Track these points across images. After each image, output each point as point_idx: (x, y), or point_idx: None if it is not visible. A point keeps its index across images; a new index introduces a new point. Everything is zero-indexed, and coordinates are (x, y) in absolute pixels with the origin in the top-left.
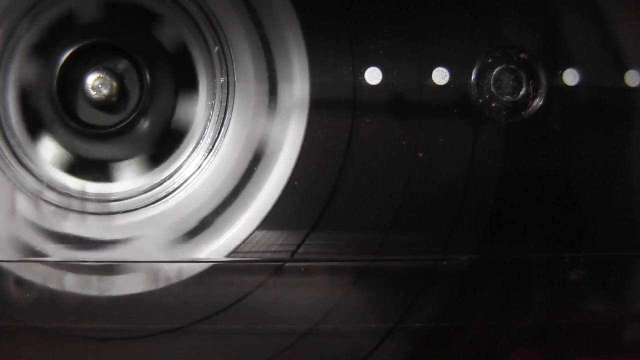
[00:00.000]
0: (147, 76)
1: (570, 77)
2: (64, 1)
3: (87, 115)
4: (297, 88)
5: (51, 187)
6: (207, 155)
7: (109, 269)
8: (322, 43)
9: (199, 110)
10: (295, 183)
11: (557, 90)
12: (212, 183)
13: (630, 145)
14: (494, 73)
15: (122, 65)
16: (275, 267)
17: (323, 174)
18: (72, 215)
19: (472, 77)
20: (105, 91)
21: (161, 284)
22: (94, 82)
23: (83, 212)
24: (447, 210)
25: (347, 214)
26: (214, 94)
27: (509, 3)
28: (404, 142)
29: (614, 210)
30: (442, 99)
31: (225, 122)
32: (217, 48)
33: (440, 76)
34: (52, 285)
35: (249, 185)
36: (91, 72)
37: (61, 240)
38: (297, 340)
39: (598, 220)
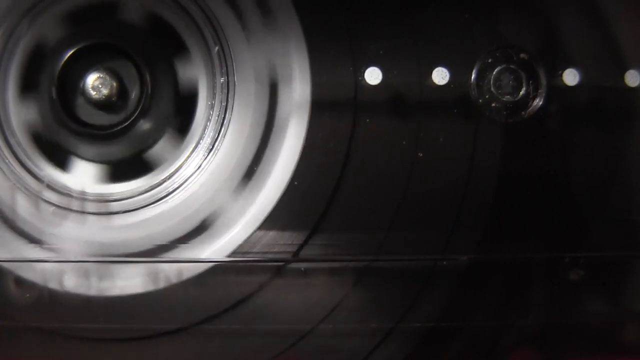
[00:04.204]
0: (147, 76)
1: (570, 77)
2: (64, 1)
3: (87, 115)
4: (297, 88)
5: (51, 187)
6: (207, 155)
7: (109, 269)
8: (322, 43)
9: (199, 110)
10: (296, 183)
11: (557, 90)
12: (212, 183)
13: (630, 145)
14: (494, 73)
15: (122, 65)
16: (276, 268)
17: (324, 174)
18: (72, 215)
19: (472, 77)
20: (105, 91)
21: (161, 285)
22: (94, 82)
23: (83, 212)
24: (447, 210)
25: (347, 214)
26: (214, 94)
27: (509, 3)
28: (404, 142)
29: (614, 210)
30: (442, 99)
31: (225, 122)
32: (217, 48)
33: (440, 76)
34: (52, 285)
35: (250, 186)
36: (91, 72)
37: (61, 240)
38: (298, 341)
39: (598, 220)
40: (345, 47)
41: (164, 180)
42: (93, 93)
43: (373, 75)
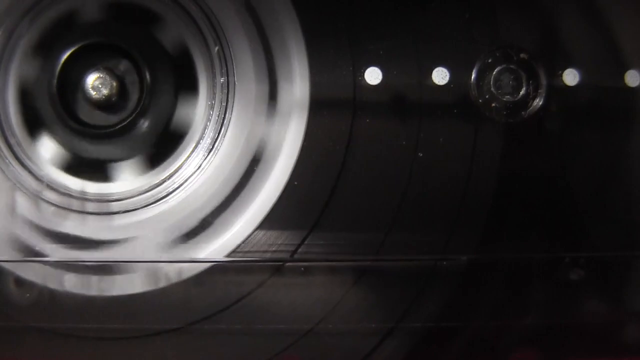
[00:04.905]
0: (147, 76)
1: (570, 77)
2: (65, 1)
3: (87, 115)
4: (297, 88)
5: (51, 187)
6: (207, 155)
7: (109, 269)
8: (322, 43)
9: (199, 110)
10: (295, 183)
11: (557, 90)
12: (212, 183)
13: (630, 145)
14: (494, 73)
15: (122, 65)
16: (275, 267)
17: (323, 174)
18: (72, 215)
19: (472, 77)
20: (105, 91)
21: (161, 284)
22: (94, 82)
23: (83, 212)
24: (447, 210)
25: (347, 214)
26: (214, 94)
27: (509, 3)
28: (404, 142)
29: (614, 210)
30: (442, 99)
31: (225, 122)
32: (217, 48)
33: (440, 76)
34: (52, 285)
35: (249, 185)
36: (91, 72)
37: (61, 240)
38: (297, 340)
39: (598, 220)
40: (345, 47)
41: (164, 180)
42: (93, 93)
43: (373, 75)
